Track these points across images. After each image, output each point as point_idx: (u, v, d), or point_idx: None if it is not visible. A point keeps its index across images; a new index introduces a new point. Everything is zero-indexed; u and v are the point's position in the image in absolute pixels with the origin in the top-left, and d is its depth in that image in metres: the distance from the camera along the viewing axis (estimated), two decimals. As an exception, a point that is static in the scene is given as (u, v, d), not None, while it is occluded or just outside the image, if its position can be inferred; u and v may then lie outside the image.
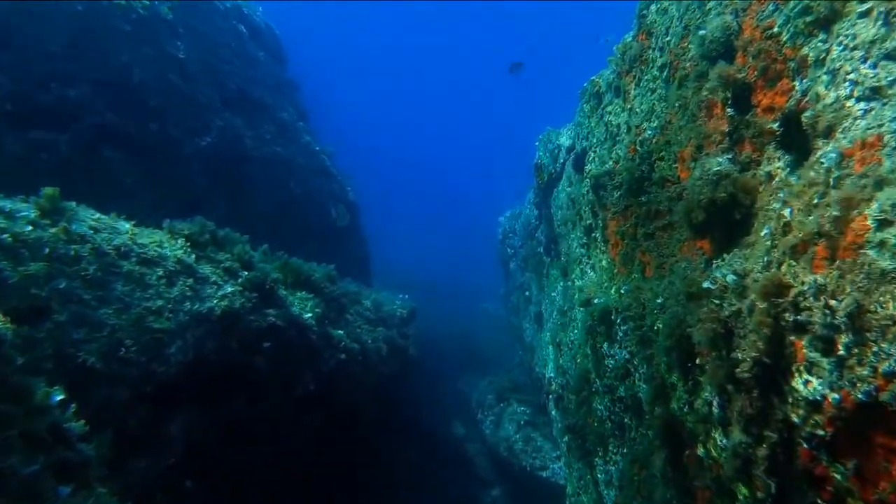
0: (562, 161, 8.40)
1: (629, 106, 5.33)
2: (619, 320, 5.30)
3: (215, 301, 5.48)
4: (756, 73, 3.13)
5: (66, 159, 7.36)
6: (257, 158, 9.85)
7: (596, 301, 5.80)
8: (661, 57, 4.65)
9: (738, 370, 2.67)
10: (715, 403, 3.10)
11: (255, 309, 5.85)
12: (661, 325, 3.97)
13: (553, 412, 8.08)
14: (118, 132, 7.97)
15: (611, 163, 5.79)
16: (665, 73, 4.51)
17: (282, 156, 10.46)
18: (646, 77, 4.96)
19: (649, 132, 4.74)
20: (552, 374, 8.81)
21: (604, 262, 6.22)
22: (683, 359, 3.69)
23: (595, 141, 6.39)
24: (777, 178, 2.93)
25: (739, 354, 2.70)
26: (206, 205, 9.02)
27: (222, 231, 6.14)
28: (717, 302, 2.94)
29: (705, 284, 3.11)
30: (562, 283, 8.06)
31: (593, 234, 6.47)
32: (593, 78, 6.47)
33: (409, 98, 59.30)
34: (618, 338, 5.33)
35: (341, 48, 54.52)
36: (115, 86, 7.94)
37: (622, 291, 5.34)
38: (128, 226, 5.28)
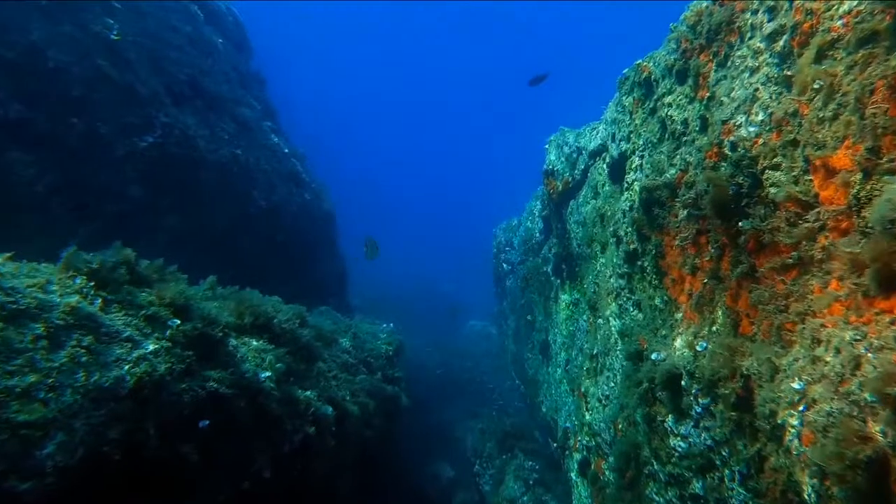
0: (583, 167, 6.98)
1: (706, 94, 3.91)
2: (694, 389, 3.85)
3: (126, 367, 3.84)
4: None
5: (-51, 163, 5.64)
6: (213, 163, 8.19)
7: (655, 358, 4.34)
8: (771, 21, 3.23)
9: None
10: None
11: (188, 373, 4.22)
12: (813, 432, 2.51)
13: (573, 476, 6.60)
14: (26, 128, 6.26)
15: (673, 171, 4.36)
16: (783, 43, 3.09)
17: (243, 160, 8.81)
18: (739, 52, 3.54)
19: (750, 129, 3.31)
20: (570, 426, 7.34)
21: (656, 301, 4.78)
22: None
23: (643, 142, 4.97)
24: None
25: None
26: (144, 221, 7.33)
27: (147, 263, 4.51)
28: None
29: None
30: (587, 318, 6.60)
31: (639, 263, 5.03)
32: (640, 62, 5.05)
33: (404, 103, 57.83)
34: (692, 413, 3.87)
35: (338, 49, 52.82)
36: (22, 70, 6.23)
37: (698, 349, 3.89)
38: (-10, 261, 3.63)
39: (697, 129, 4.05)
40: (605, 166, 6.25)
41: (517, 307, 10.90)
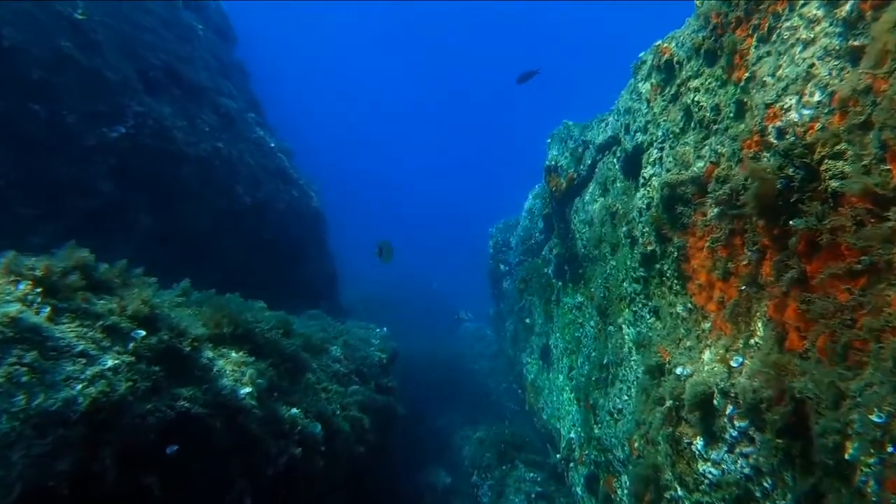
0: (589, 162, 6.52)
1: (743, 75, 3.46)
2: (729, 410, 3.41)
3: (79, 387, 3.31)
4: None
5: None
6: (192, 157, 7.62)
7: (680, 373, 3.89)
8: (829, -13, 2.78)
9: None
10: None
11: (155, 391, 3.70)
12: None
13: (579, 490, 6.16)
14: (-21, 116, 5.68)
15: (701, 164, 3.91)
16: (849, 8, 2.65)
17: (226, 154, 8.25)
18: (788, 23, 3.09)
19: (804, 112, 2.86)
20: (575, 437, 6.90)
21: (678, 309, 4.34)
22: None
23: (662, 133, 4.51)
24: None
25: None
26: (117, 219, 6.76)
27: (106, 267, 3.97)
28: None
29: None
30: (595, 324, 6.15)
31: (658, 266, 4.59)
32: (659, 42, 4.59)
33: (396, 102, 57.14)
34: (726, 437, 3.43)
35: (329, 45, 52.06)
36: (-25, 51, 5.64)
37: (733, 364, 3.44)
38: None
39: (732, 115, 3.60)
40: (615, 161, 5.80)
41: (515, 310, 10.45)
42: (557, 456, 7.62)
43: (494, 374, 14.98)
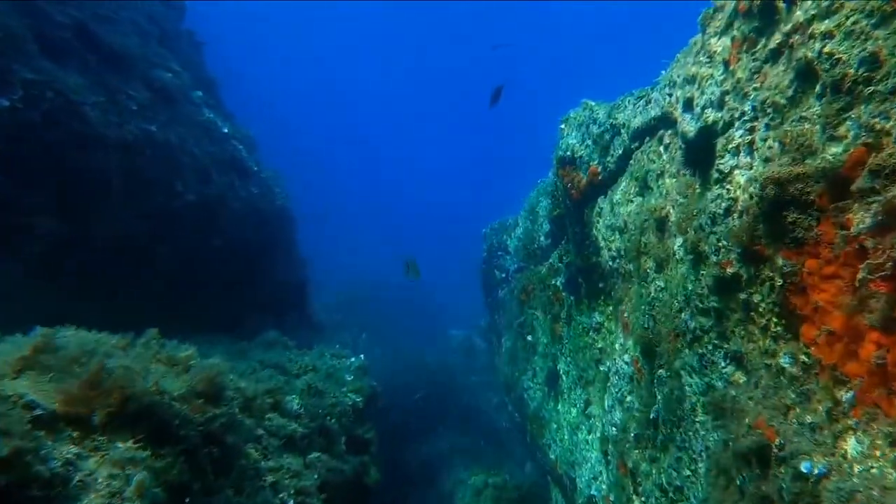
0: (620, 151, 5.13)
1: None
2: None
3: None
4: None
5: None
6: (113, 142, 6.00)
7: (808, 470, 2.52)
8: None
9: None
10: None
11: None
12: None
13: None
14: None
15: (838, 149, 2.52)
16: None
17: (160, 139, 6.62)
18: None
19: None
20: (597, 494, 5.55)
21: (783, 362, 2.95)
22: None
23: (753, 107, 3.12)
24: None
25: None
26: (4, 223, 5.14)
27: None
28: None
29: None
30: (630, 359, 4.76)
31: (743, 297, 3.20)
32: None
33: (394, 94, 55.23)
34: None
35: (316, 38, 50.04)
36: None
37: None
38: None
39: (916, 69, 2.22)
40: (662, 149, 4.42)
41: (515, 325, 9.07)
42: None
43: (485, 388, 13.70)
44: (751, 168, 3.10)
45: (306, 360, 5.97)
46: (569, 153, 6.13)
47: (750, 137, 3.13)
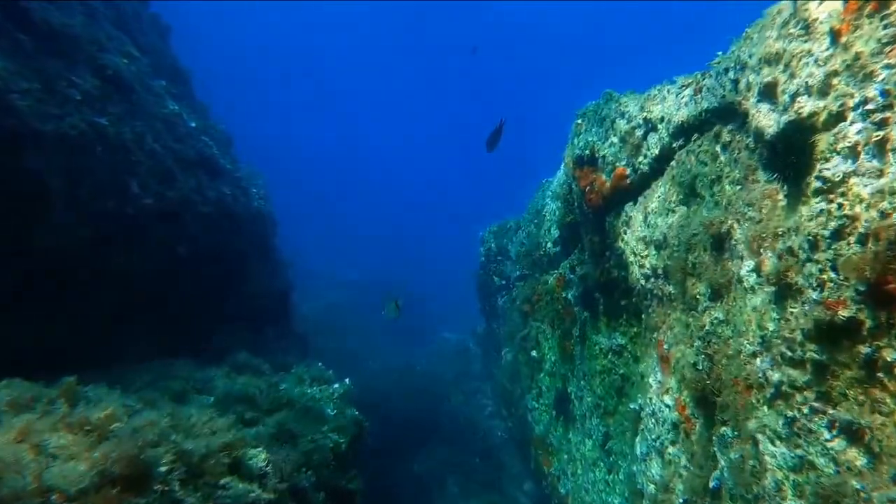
0: (657, 151, 4.30)
1: None
2: None
3: None
4: None
5: None
6: (50, 137, 5.02)
7: None
8: None
9: None
10: None
11: None
12: None
13: None
14: None
15: None
16: None
17: (112, 134, 5.65)
18: None
19: None
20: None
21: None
22: None
23: (882, 91, 2.30)
24: None
25: None
26: None
27: None
28: None
29: None
30: (673, 403, 3.93)
31: (861, 351, 2.38)
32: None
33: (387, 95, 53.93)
34: None
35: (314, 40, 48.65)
36: None
37: None
38: None
39: None
40: (720, 148, 3.60)
41: (517, 337, 8.26)
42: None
43: (478, 395, 12.98)
44: (881, 176, 2.27)
45: (281, 392, 5.08)
46: (587, 152, 5.30)
47: (880, 134, 2.30)
